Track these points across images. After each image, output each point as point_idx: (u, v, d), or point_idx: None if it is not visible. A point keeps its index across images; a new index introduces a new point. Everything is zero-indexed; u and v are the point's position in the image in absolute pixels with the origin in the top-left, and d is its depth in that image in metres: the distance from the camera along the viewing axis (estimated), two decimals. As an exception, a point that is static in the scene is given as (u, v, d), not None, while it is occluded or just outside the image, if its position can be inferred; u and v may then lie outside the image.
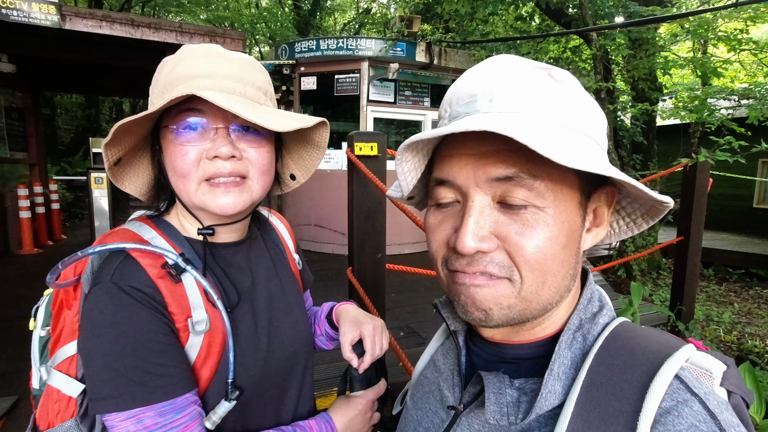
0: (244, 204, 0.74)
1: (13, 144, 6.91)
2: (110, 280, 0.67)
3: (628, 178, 0.43)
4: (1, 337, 3.50)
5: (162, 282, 0.69)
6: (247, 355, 0.76)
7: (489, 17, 6.55)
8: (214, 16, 15.09)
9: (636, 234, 0.59)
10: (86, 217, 7.95)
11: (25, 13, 4.20)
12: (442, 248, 0.51)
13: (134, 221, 0.78)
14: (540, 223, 0.46)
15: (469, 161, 0.47)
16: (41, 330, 0.80)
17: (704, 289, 6.46)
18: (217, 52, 0.73)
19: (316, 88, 6.59)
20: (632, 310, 3.31)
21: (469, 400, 0.56)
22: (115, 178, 0.75)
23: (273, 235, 0.96)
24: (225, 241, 0.83)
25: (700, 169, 3.65)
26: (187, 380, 0.69)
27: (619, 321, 0.52)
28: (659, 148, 6.76)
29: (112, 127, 0.66)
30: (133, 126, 0.68)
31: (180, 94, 0.65)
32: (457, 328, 0.60)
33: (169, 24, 4.71)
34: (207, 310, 0.72)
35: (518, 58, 0.50)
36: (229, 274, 0.80)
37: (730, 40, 5.08)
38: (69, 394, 0.72)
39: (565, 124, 0.46)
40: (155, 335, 0.66)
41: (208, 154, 0.70)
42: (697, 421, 0.40)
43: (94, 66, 6.71)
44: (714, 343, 4.25)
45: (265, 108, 0.74)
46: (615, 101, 5.88)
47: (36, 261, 6.00)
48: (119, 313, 0.65)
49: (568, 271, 0.49)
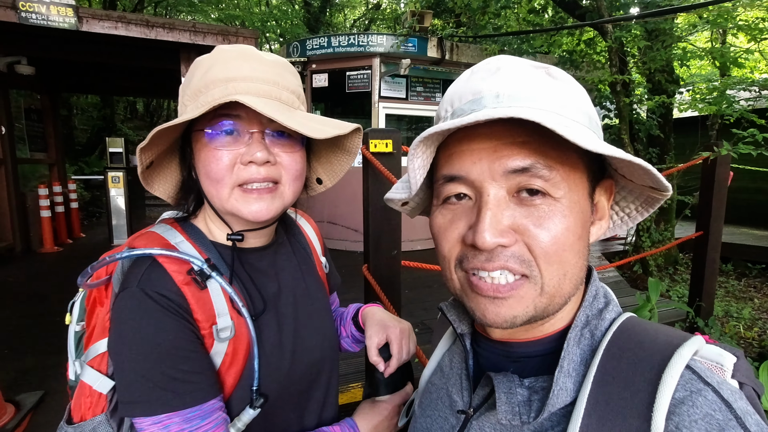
0: (276, 210, 0.74)
1: (33, 144, 7.08)
2: (137, 285, 0.67)
3: (641, 161, 0.44)
4: (28, 333, 3.60)
5: (188, 288, 0.69)
6: (271, 363, 0.76)
7: (501, 11, 6.48)
8: (225, 15, 15.17)
9: (630, 226, 0.61)
10: (104, 215, 8.12)
11: (44, 16, 4.28)
12: (457, 247, 0.50)
13: (162, 224, 0.78)
14: (557, 213, 0.46)
15: (483, 155, 0.47)
16: (76, 325, 0.81)
17: (723, 285, 6.33)
18: (252, 54, 0.72)
19: (327, 85, 6.59)
20: (650, 307, 3.27)
21: (479, 403, 0.55)
22: (146, 181, 0.75)
23: (300, 238, 0.95)
24: (252, 246, 0.82)
25: (720, 163, 3.58)
26: (213, 387, 0.69)
27: (626, 316, 0.52)
28: (676, 141, 6.62)
29: (138, 127, 0.66)
30: (169, 131, 0.67)
31: (219, 100, 0.64)
32: (463, 331, 0.60)
33: (182, 24, 4.76)
34: (232, 317, 0.72)
35: (516, 58, 0.51)
36: (255, 280, 0.79)
37: (750, 29, 4.95)
38: (100, 390, 0.74)
39: (570, 117, 0.47)
40: (181, 342, 0.67)
41: (243, 159, 0.69)
42: (712, 410, 0.40)
43: (110, 66, 6.82)
44: (734, 339, 4.17)
45: (299, 113, 0.73)
46: (631, 94, 5.78)
47: (57, 259, 6.15)
48: (146, 320, 0.66)
49: (584, 263, 0.49)
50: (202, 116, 0.69)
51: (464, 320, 0.60)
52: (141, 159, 0.69)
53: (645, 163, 0.44)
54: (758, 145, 4.15)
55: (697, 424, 0.39)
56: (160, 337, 0.66)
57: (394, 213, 2.44)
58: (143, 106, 17.47)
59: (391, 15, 16.07)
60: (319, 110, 7.62)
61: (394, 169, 2.33)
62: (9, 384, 2.74)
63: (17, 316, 3.96)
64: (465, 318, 0.61)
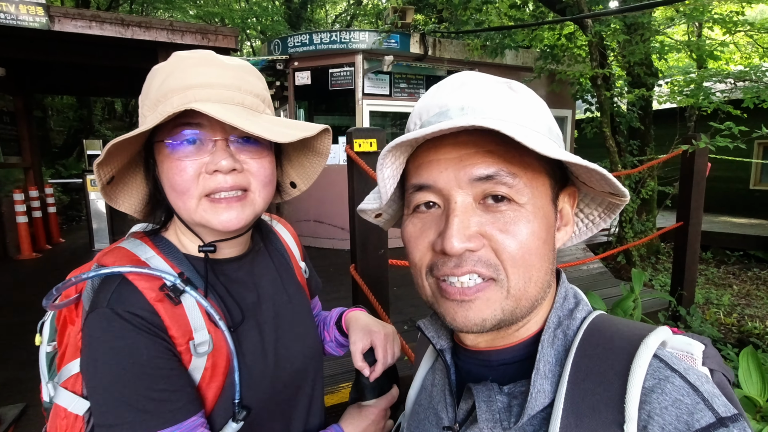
0: (247, 219, 0.71)
1: (6, 148, 6.84)
2: (107, 305, 0.65)
3: (596, 166, 0.46)
4: (6, 344, 3.50)
5: (161, 305, 0.67)
6: (253, 374, 0.74)
7: (483, 6, 6.49)
8: (204, 12, 14.91)
9: (596, 233, 0.64)
10: (84, 219, 7.92)
11: (13, 16, 4.12)
12: (427, 254, 0.51)
13: (132, 238, 0.75)
14: (522, 219, 0.48)
15: (449, 164, 0.49)
16: (47, 345, 0.78)
17: (703, 273, 6.51)
18: (212, 60, 0.69)
19: (310, 82, 6.53)
20: (634, 297, 3.33)
21: (464, 417, 0.56)
22: (109, 197, 0.72)
23: (278, 245, 0.93)
24: (227, 257, 0.80)
25: (698, 155, 3.65)
26: (192, 403, 0.67)
27: (596, 314, 0.54)
28: (656, 133, 6.76)
29: (116, 128, 0.63)
30: (126, 143, 0.64)
31: (176, 109, 0.62)
32: (443, 347, 0.60)
33: (159, 22, 4.64)
34: (209, 330, 0.70)
35: (481, 74, 0.54)
36: (232, 291, 0.77)
37: (725, 22, 5.06)
38: (75, 412, 0.71)
39: (528, 127, 0.49)
40: (156, 361, 0.64)
41: (207, 168, 0.67)
42: (680, 395, 0.41)
43: (86, 67, 6.63)
44: (714, 326, 4.28)
45: (265, 117, 0.71)
46: (611, 87, 5.86)
47: (36, 266, 5.97)
48: (118, 341, 0.63)
49: (549, 266, 0.51)
50: (163, 126, 0.66)
51: (443, 336, 0.61)
52: (100, 175, 0.65)
53: (601, 169, 0.46)
54: (734, 138, 4.26)
55: (667, 410, 0.41)
56: (133, 358, 0.63)
57: (380, 212, 2.43)
58: (122, 106, 17.06)
59: (373, 11, 15.99)
60: (302, 108, 7.55)
61: (379, 168, 2.32)
62: (-12, 397, 2.66)
63: (-6, 327, 3.84)
64: (443, 333, 0.62)
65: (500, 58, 6.58)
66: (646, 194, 5.98)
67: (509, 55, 6.99)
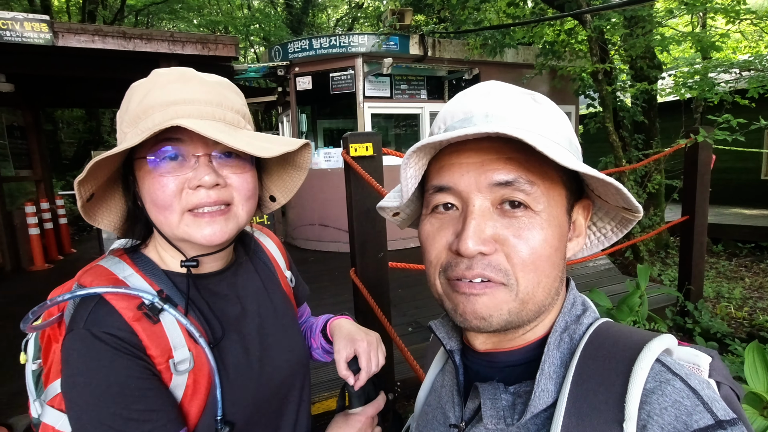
0: (230, 233, 0.72)
1: (18, 162, 6.99)
2: (84, 326, 0.65)
3: (613, 180, 0.47)
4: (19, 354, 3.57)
5: (139, 324, 0.66)
6: (236, 388, 0.74)
7: (481, 5, 6.47)
8: (207, 21, 15.07)
9: (608, 245, 0.64)
10: (94, 229, 8.04)
11: (18, 33, 4.23)
12: (443, 254, 0.53)
13: (111, 256, 0.76)
14: (536, 226, 0.49)
15: (470, 168, 0.50)
16: (33, 363, 0.79)
17: (714, 266, 6.40)
18: (192, 76, 0.71)
19: (311, 87, 6.57)
20: (639, 293, 3.29)
21: (470, 416, 0.57)
22: (88, 215, 0.72)
23: (262, 256, 0.93)
24: (209, 271, 0.80)
25: (702, 147, 3.61)
26: (173, 422, 0.67)
27: (602, 320, 0.55)
28: (662, 126, 6.67)
29: (87, 164, 0.63)
30: (108, 161, 0.65)
31: (160, 126, 0.62)
32: (453, 347, 0.62)
33: (160, 34, 4.71)
34: (190, 347, 0.70)
35: (506, 84, 0.55)
36: (213, 306, 0.77)
37: (727, 11, 4.99)
38: (62, 429, 0.71)
39: (549, 138, 0.50)
40: (135, 381, 0.64)
41: (190, 183, 0.68)
42: (680, 397, 0.42)
43: (91, 80, 6.74)
44: (725, 320, 4.22)
45: (245, 132, 0.72)
46: (613, 82, 5.81)
47: (48, 276, 6.09)
48: (94, 362, 0.63)
49: (558, 274, 0.52)
50: (144, 143, 0.66)
51: (453, 337, 0.63)
52: (80, 192, 0.65)
53: (617, 183, 0.47)
54: (733, 130, 4.19)
55: (666, 411, 0.41)
56: (111, 379, 0.63)
57: (378, 216, 2.44)
58: (129, 116, 17.28)
59: (374, 13, 16.03)
60: (304, 114, 7.59)
61: (375, 172, 2.33)
62: (0, 407, 2.72)
63: (7, 337, 3.92)
64: (454, 335, 0.63)
65: (500, 56, 6.56)
66: (652, 188, 5.90)
67: (509, 53, 6.95)
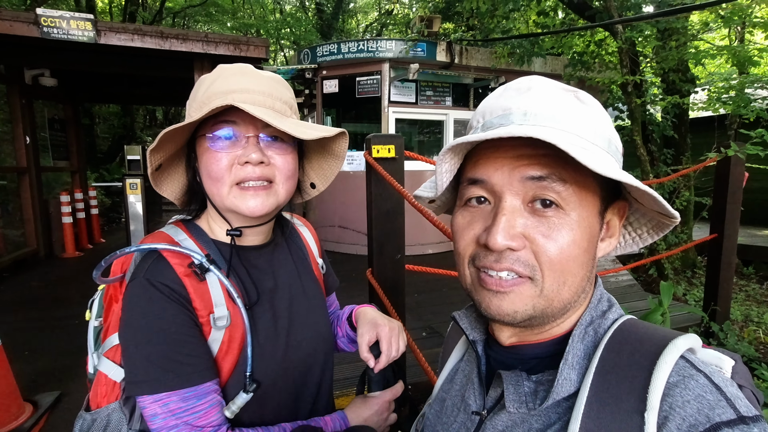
0: (270, 206, 0.81)
1: (56, 153, 7.33)
2: (144, 276, 0.75)
3: (649, 189, 0.47)
4: (49, 335, 3.73)
5: (188, 280, 0.76)
6: (265, 351, 0.82)
7: (510, 13, 6.45)
8: (240, 24, 15.48)
9: (642, 247, 0.63)
10: (123, 221, 8.34)
11: (64, 31, 4.45)
12: (471, 245, 0.54)
13: (170, 225, 0.87)
14: (565, 226, 0.50)
15: (505, 163, 0.51)
16: (95, 321, 0.89)
17: (744, 288, 6.15)
18: (249, 71, 0.81)
19: (338, 90, 6.67)
20: (662, 311, 3.19)
21: (492, 404, 0.58)
22: (155, 183, 0.83)
23: (297, 240, 1.01)
24: (250, 244, 0.89)
25: (734, 163, 3.49)
26: (209, 370, 0.75)
27: (627, 317, 0.55)
28: (693, 141, 6.47)
29: (157, 135, 0.74)
30: (176, 134, 0.75)
31: (219, 103, 0.72)
32: (475, 338, 0.63)
33: (195, 35, 4.88)
34: (228, 307, 0.78)
35: (548, 80, 0.55)
36: (252, 275, 0.86)
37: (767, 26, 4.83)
38: (114, 378, 0.81)
39: (589, 140, 0.50)
40: (181, 327, 0.74)
41: (240, 159, 0.77)
42: (703, 392, 0.42)
43: (129, 77, 7.03)
44: (753, 344, 4.05)
45: (291, 120, 0.82)
46: (643, 95, 5.68)
47: (78, 263, 6.35)
48: (150, 306, 0.73)
49: (586, 274, 0.53)
50: (205, 123, 0.78)
51: (476, 328, 0.64)
52: (151, 161, 0.77)
53: (653, 192, 0.47)
54: (766, 146, 4.03)
55: (689, 404, 0.42)
56: (163, 323, 0.73)
57: (398, 217, 2.46)
58: (162, 113, 17.91)
59: (403, 20, 16.15)
60: (330, 116, 7.70)
61: (397, 174, 2.35)
62: (27, 384, 2.85)
63: (38, 319, 4.10)
64: (477, 326, 0.64)
65: (528, 65, 6.51)
66: (680, 204, 5.74)
67: (537, 63, 6.90)
